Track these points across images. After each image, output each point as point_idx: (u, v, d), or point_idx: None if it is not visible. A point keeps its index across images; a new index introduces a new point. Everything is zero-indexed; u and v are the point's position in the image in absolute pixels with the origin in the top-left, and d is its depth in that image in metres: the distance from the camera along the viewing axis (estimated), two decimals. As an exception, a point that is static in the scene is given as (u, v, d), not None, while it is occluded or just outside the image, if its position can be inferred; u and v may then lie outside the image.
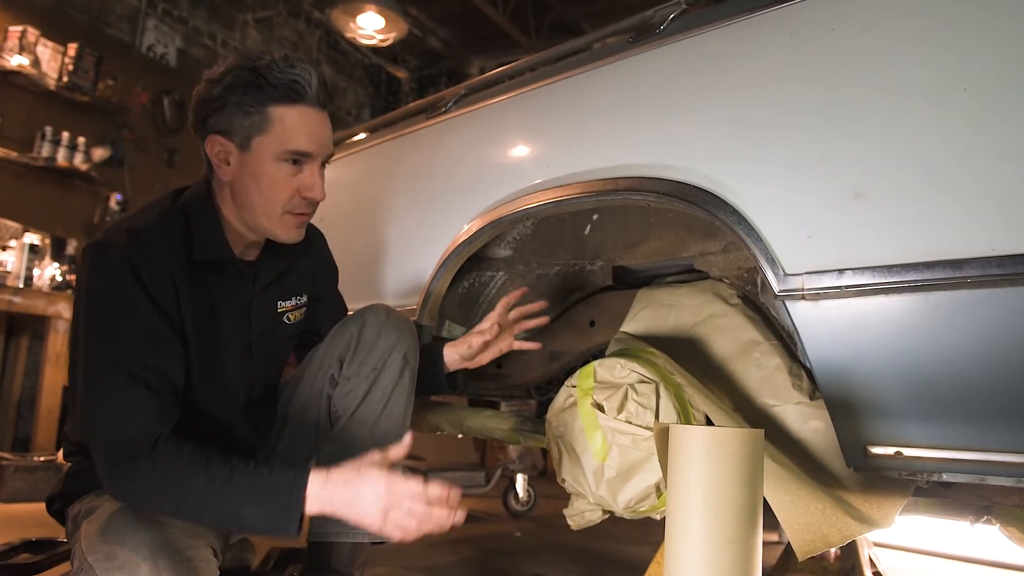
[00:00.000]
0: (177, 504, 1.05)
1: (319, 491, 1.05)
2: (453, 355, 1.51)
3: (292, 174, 1.22)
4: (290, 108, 1.19)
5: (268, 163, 1.20)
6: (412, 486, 1.05)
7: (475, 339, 1.48)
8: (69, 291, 3.96)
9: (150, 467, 1.05)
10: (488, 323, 1.48)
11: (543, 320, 1.53)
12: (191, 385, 1.21)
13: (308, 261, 1.46)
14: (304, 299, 1.45)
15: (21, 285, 3.74)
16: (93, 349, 1.11)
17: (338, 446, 1.35)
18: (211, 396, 1.26)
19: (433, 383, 1.52)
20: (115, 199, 4.63)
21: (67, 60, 4.27)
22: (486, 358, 1.52)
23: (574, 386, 1.33)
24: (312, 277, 1.48)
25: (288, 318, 1.41)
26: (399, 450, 1.13)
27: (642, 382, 1.26)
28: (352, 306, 1.54)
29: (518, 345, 1.52)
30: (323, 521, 1.34)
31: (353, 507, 1.05)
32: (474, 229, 1.54)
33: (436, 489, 1.06)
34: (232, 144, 1.20)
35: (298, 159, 1.21)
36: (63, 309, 3.82)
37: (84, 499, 1.20)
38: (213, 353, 1.25)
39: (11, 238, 3.88)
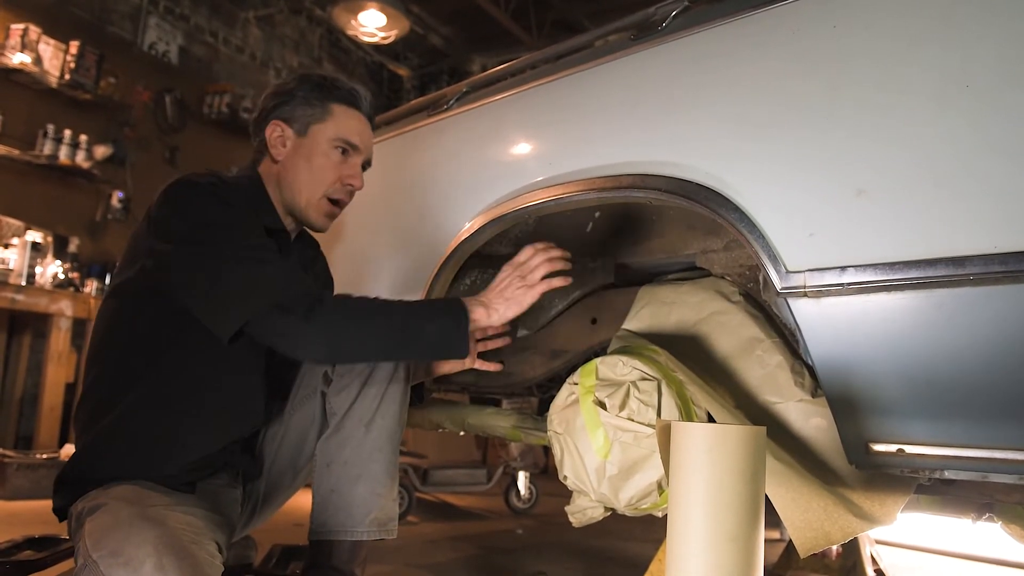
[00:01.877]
0: (376, 329, 1.19)
1: (475, 303, 1.27)
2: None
3: (339, 162, 1.40)
4: (347, 108, 1.42)
5: (321, 146, 1.39)
6: (519, 253, 1.32)
7: None
8: (72, 289, 3.97)
9: (332, 306, 1.18)
10: None
11: (505, 341, 1.57)
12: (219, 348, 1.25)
13: (320, 269, 1.59)
14: None
15: (23, 283, 3.74)
16: (218, 243, 1.20)
17: (334, 444, 1.36)
18: (244, 350, 1.28)
19: None
20: (117, 197, 4.64)
21: (69, 58, 4.28)
22: (444, 368, 1.55)
23: (576, 383, 1.33)
24: (323, 286, 1.57)
25: None
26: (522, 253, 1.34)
27: (644, 379, 1.26)
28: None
29: (479, 365, 1.53)
30: (323, 519, 1.35)
31: (505, 297, 1.30)
32: (476, 227, 1.54)
33: (525, 253, 1.33)
34: (291, 129, 1.39)
35: (347, 149, 1.40)
36: (65, 307, 3.83)
37: (88, 496, 1.21)
38: None
39: (13, 236, 3.88)
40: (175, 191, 1.24)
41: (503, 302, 1.30)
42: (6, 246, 3.81)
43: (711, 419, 1.23)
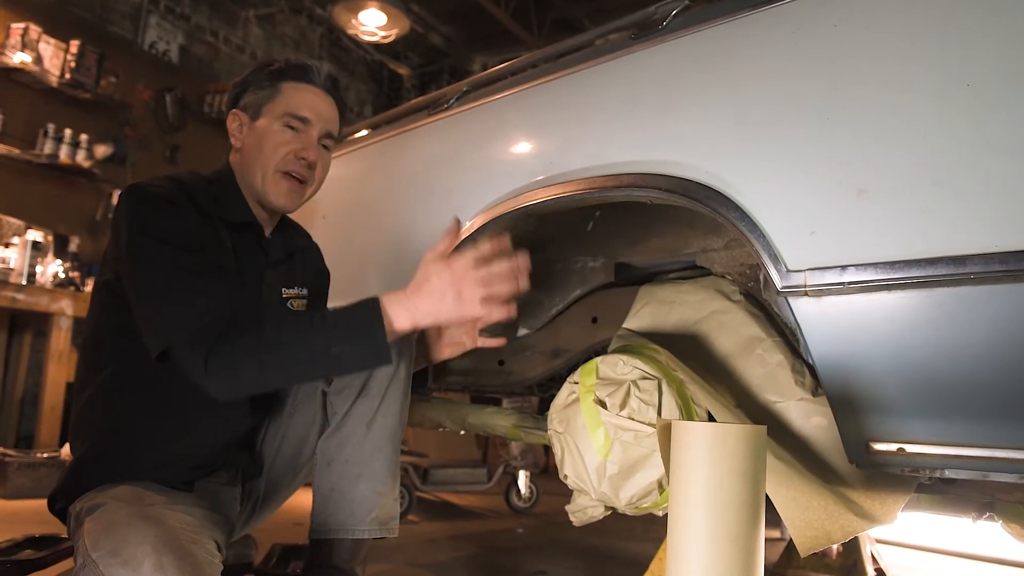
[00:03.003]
0: (277, 364, 1.12)
1: (398, 307, 1.16)
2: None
3: (290, 138, 1.37)
4: (298, 84, 1.39)
5: (271, 125, 1.37)
6: (465, 257, 1.16)
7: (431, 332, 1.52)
8: (72, 288, 3.97)
9: (236, 340, 1.11)
10: None
11: (499, 342, 1.54)
12: None
13: (310, 259, 1.55)
14: (305, 292, 1.49)
15: (24, 282, 3.74)
16: (152, 260, 1.17)
17: (334, 443, 1.35)
18: None
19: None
20: (117, 196, 4.64)
21: (69, 57, 4.28)
22: (444, 353, 1.53)
23: (576, 382, 1.33)
24: (313, 276, 1.54)
25: (292, 304, 1.46)
26: (447, 239, 1.23)
27: (644, 378, 1.26)
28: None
29: (482, 343, 1.51)
30: (324, 518, 1.35)
31: (435, 304, 1.16)
32: (476, 226, 1.54)
33: (486, 246, 1.18)
34: (246, 115, 1.39)
35: (296, 125, 1.37)
36: (66, 306, 3.83)
37: (86, 496, 1.20)
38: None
39: (14, 235, 3.89)
40: (122, 201, 1.24)
41: (440, 304, 1.16)
42: (7, 245, 3.81)
43: (712, 418, 1.23)
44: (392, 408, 1.37)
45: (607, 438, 1.23)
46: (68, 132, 4.29)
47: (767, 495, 0.95)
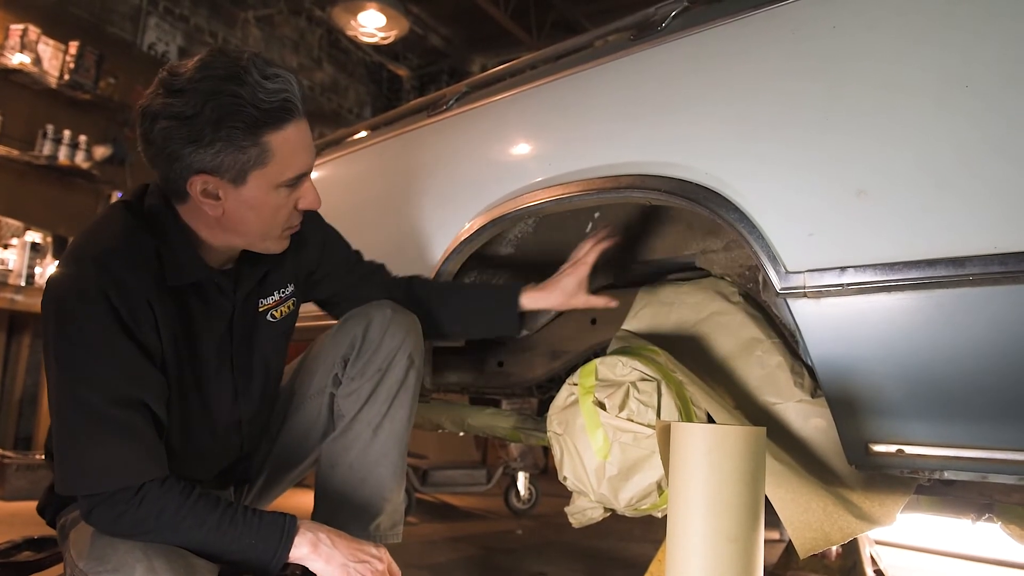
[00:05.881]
0: (163, 541, 1.04)
1: (302, 550, 1.09)
2: (529, 297, 1.49)
3: (288, 196, 1.15)
4: (284, 130, 1.08)
5: (268, 193, 1.11)
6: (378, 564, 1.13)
7: (567, 274, 1.46)
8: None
9: (133, 514, 1.03)
10: (581, 252, 1.47)
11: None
12: (174, 409, 1.16)
13: (291, 253, 1.31)
14: (290, 289, 1.35)
15: (23, 283, 3.74)
16: (70, 397, 1.03)
17: (340, 447, 1.34)
18: (199, 415, 1.23)
19: (505, 323, 1.51)
20: (116, 197, 4.63)
21: (68, 58, 4.28)
22: (577, 301, 1.47)
23: (575, 384, 1.33)
24: (296, 257, 1.35)
25: (272, 315, 1.32)
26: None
27: (644, 380, 1.26)
28: (354, 304, 1.53)
29: (586, 303, 1.47)
30: (327, 521, 1.32)
31: (326, 564, 1.10)
32: (476, 227, 1.54)
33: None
34: (223, 181, 1.08)
35: (298, 181, 1.15)
36: (65, 307, 3.82)
37: (71, 508, 1.19)
38: (196, 374, 1.20)
39: (13, 236, 3.88)
40: (55, 299, 1.06)
41: (332, 568, 1.10)
42: (5, 246, 3.80)
43: (711, 420, 1.23)
44: (400, 414, 1.35)
45: (606, 439, 1.23)
46: (67, 133, 4.29)
47: (766, 496, 0.95)
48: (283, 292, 1.34)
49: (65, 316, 1.04)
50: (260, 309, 1.30)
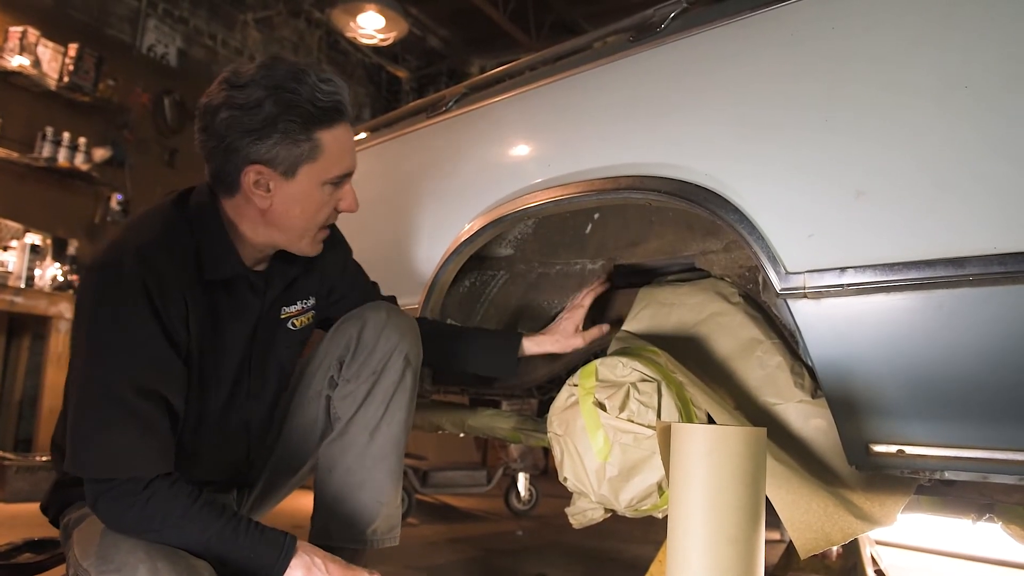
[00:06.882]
0: (166, 541, 1.05)
1: (296, 572, 1.08)
2: (531, 341, 1.54)
3: (331, 195, 1.22)
4: (334, 130, 1.18)
5: (315, 189, 1.19)
6: None
7: (565, 319, 1.53)
8: (71, 291, 3.97)
9: (140, 510, 1.04)
10: (578, 299, 1.54)
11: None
12: (190, 404, 1.17)
13: (318, 263, 1.38)
14: (311, 301, 1.39)
15: (23, 285, 3.74)
16: (94, 377, 1.06)
17: (337, 449, 1.34)
18: (212, 413, 1.24)
19: (504, 365, 1.55)
20: (116, 199, 4.64)
21: (68, 61, 4.28)
22: (575, 342, 1.53)
23: (576, 385, 1.33)
24: (322, 274, 1.42)
25: (292, 324, 1.36)
26: None
27: (644, 381, 1.26)
28: (354, 306, 1.52)
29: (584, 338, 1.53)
30: (324, 525, 1.34)
31: None
32: (475, 228, 1.54)
33: None
34: (275, 172, 1.15)
35: (341, 180, 1.23)
36: (64, 309, 3.82)
37: (74, 507, 1.20)
38: (216, 370, 1.23)
39: (12, 238, 3.88)
40: (94, 283, 1.09)
41: None
42: (5, 248, 3.80)
43: (711, 420, 1.23)
44: (397, 416, 1.35)
45: (606, 440, 1.23)
46: (66, 135, 4.29)
47: (767, 497, 0.95)
48: (305, 303, 1.38)
49: (102, 299, 1.08)
50: (282, 316, 1.34)
